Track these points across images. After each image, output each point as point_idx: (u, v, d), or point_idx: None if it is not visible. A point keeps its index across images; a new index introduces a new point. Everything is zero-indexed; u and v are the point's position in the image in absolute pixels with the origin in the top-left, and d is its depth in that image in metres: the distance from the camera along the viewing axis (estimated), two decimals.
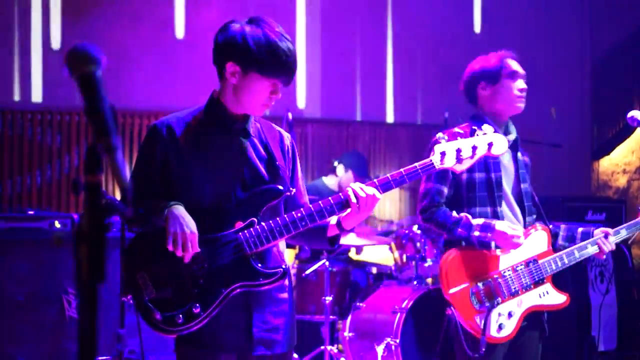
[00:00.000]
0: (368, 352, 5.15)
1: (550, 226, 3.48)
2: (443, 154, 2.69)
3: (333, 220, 2.71)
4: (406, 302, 5.07)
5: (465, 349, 3.23)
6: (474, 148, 2.71)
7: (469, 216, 3.29)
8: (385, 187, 2.65)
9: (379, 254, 6.20)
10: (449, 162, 2.70)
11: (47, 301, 4.79)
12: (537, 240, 3.39)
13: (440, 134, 2.81)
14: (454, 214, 3.31)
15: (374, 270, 5.94)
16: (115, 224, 5.02)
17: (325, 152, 7.28)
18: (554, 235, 3.48)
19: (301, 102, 7.10)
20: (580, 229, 3.51)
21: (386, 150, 7.67)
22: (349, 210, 2.63)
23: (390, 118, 7.69)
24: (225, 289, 2.55)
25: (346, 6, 7.48)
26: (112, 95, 1.38)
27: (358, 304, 5.36)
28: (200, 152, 2.63)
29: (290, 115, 5.69)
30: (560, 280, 5.57)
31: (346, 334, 5.29)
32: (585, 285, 5.51)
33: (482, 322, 3.18)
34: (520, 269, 3.32)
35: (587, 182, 8.25)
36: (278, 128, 2.83)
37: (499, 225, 3.25)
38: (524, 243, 3.32)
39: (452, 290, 3.23)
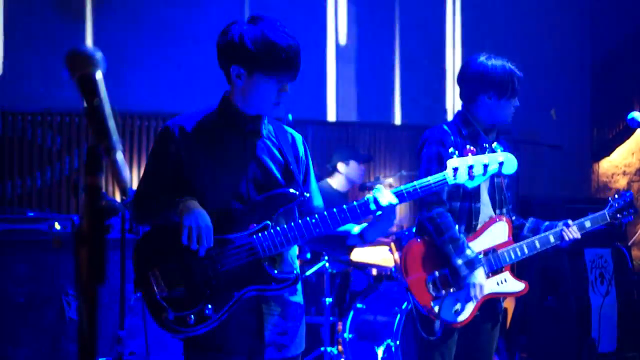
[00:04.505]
0: (368, 353, 5.15)
1: (514, 217, 3.64)
2: (455, 170, 2.72)
3: (356, 229, 2.70)
4: (406, 303, 5.07)
5: (421, 332, 3.42)
6: (486, 166, 2.75)
7: (465, 242, 3.38)
8: (399, 199, 2.64)
9: (379, 255, 6.19)
10: (461, 178, 2.73)
11: (47, 302, 4.79)
12: (497, 231, 3.51)
13: (451, 149, 2.85)
14: (456, 229, 3.38)
15: (374, 271, 5.93)
16: (115, 226, 5.03)
17: (326, 153, 7.28)
18: (519, 226, 3.63)
19: (302, 104, 7.10)
20: (546, 223, 3.64)
21: (386, 152, 7.66)
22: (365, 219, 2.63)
23: (391, 120, 7.69)
24: (238, 291, 2.52)
25: (351, 8, 7.48)
26: (112, 96, 1.38)
27: (358, 305, 5.36)
28: (213, 152, 2.61)
29: (290, 117, 5.70)
30: (560, 281, 5.58)
31: (346, 335, 5.29)
32: (585, 287, 5.52)
33: (438, 307, 3.37)
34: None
35: (587, 184, 8.25)
36: (291, 130, 2.81)
37: (476, 275, 3.37)
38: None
39: (410, 278, 3.42)
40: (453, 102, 7.80)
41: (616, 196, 3.67)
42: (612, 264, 5.68)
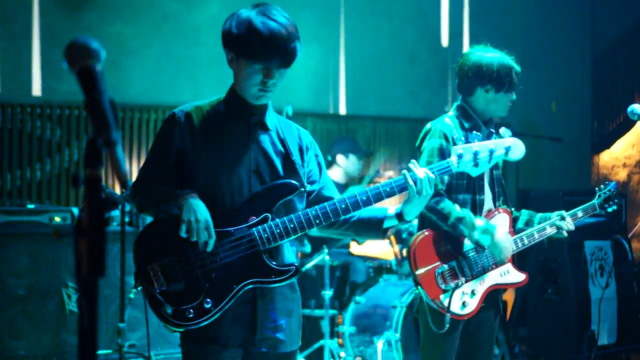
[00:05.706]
0: (368, 346, 5.16)
1: (513, 209, 3.62)
2: (460, 156, 2.66)
3: (391, 210, 2.67)
4: (406, 296, 5.07)
5: (431, 326, 3.38)
6: (492, 152, 2.67)
7: (472, 215, 3.37)
8: (400, 190, 2.62)
9: (379, 248, 6.20)
10: (466, 165, 2.67)
11: (47, 295, 4.79)
12: (499, 223, 3.50)
13: (456, 135, 2.81)
14: (457, 208, 3.36)
15: (374, 264, 5.94)
16: (115, 218, 5.03)
17: (325, 146, 7.27)
18: (514, 219, 3.63)
19: (301, 96, 7.09)
20: (539, 215, 3.64)
21: (386, 145, 7.66)
22: (368, 206, 2.60)
23: (390, 112, 7.68)
24: (237, 284, 2.50)
25: (350, 0, 7.46)
26: (111, 89, 1.38)
27: (358, 298, 5.36)
28: (217, 142, 2.59)
29: (290, 109, 5.70)
30: (560, 273, 5.57)
31: (346, 328, 5.30)
32: (585, 279, 5.52)
33: (447, 300, 3.34)
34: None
35: (587, 176, 8.25)
36: (296, 125, 2.79)
37: (499, 238, 3.38)
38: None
39: (419, 271, 3.38)
40: (452, 95, 7.79)
41: (602, 187, 3.72)
42: (612, 256, 5.68)
